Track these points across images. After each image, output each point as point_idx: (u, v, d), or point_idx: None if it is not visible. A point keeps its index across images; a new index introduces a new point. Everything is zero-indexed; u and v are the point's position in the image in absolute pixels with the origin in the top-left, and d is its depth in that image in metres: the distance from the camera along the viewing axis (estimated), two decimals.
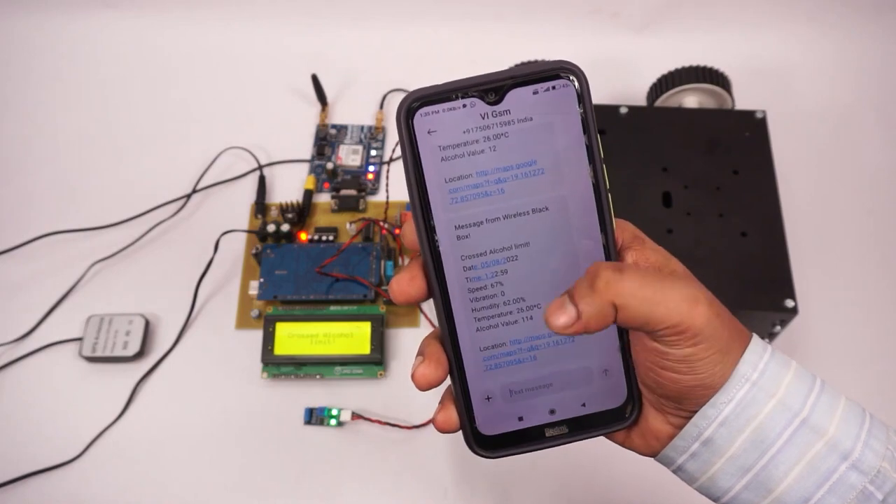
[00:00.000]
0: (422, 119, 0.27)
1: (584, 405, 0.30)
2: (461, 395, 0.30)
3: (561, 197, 0.29)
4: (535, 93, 0.28)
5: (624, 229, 0.30)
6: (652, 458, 0.31)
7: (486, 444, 0.30)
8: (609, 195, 0.29)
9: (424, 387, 0.29)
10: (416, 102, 0.27)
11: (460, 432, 0.30)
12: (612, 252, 0.29)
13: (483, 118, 0.28)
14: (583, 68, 0.28)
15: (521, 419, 0.30)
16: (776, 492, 0.27)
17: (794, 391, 0.28)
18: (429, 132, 0.27)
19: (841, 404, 0.28)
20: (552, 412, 0.30)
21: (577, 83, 0.28)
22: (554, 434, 0.30)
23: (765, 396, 0.27)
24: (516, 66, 0.28)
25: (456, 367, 0.30)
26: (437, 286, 0.29)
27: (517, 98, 0.28)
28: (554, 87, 0.28)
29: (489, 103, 0.27)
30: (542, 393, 0.30)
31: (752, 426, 0.27)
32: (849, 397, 0.29)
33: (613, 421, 0.30)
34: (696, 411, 0.28)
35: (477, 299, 0.29)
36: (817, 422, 0.27)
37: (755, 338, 0.29)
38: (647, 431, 0.30)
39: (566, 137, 0.28)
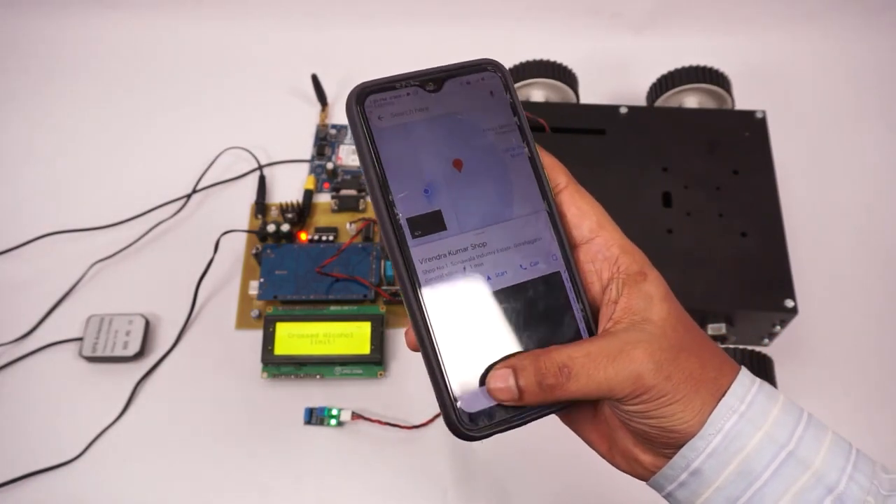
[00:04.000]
0: (371, 105, 0.30)
1: None
2: (441, 379, 0.30)
3: (504, 172, 0.31)
4: (469, 83, 0.32)
5: (634, 259, 0.30)
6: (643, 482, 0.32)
7: (470, 426, 0.30)
8: (544, 171, 0.32)
9: (415, 347, 0.30)
10: (365, 91, 0.30)
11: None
12: (556, 218, 0.31)
13: (426, 102, 0.31)
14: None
15: None
16: None
17: (781, 424, 0.28)
18: (379, 117, 0.30)
19: (828, 437, 0.29)
20: None
21: (500, 74, 0.32)
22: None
23: (752, 429, 0.28)
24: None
25: (434, 357, 0.29)
26: (402, 260, 0.29)
27: (453, 87, 0.31)
28: (483, 79, 0.32)
29: (429, 91, 0.31)
30: None
31: (738, 458, 0.28)
32: (836, 431, 0.29)
33: None
34: (670, 451, 0.29)
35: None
36: (804, 454, 0.28)
37: (743, 370, 0.29)
38: (628, 455, 0.31)
39: (499, 118, 0.32)
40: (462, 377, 0.30)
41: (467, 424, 0.29)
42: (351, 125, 0.30)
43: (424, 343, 0.30)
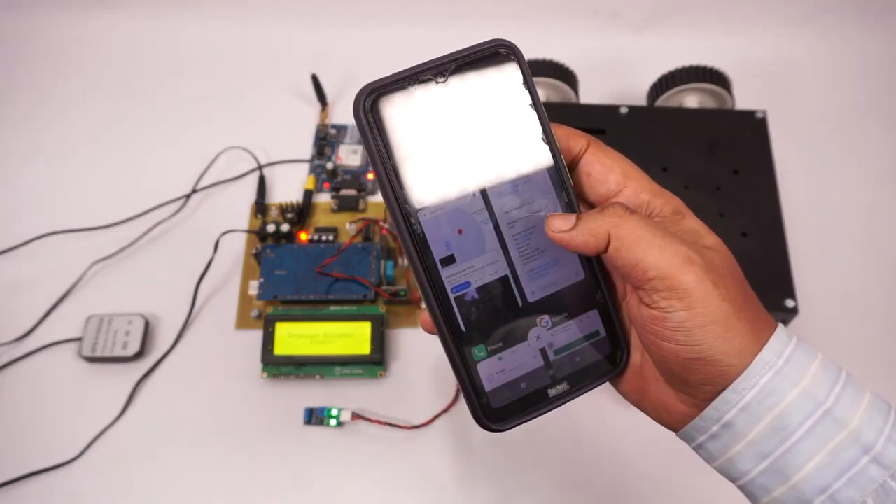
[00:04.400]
0: (381, 107, 0.28)
1: (577, 360, 0.32)
2: (466, 374, 0.30)
3: (523, 160, 0.30)
4: (480, 69, 0.30)
5: (667, 200, 0.31)
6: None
7: (496, 418, 0.30)
8: (562, 156, 0.31)
9: (430, 329, 0.30)
10: (373, 94, 0.28)
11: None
12: (576, 208, 0.31)
13: (437, 97, 0.29)
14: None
15: (523, 385, 0.31)
16: (794, 479, 0.27)
17: (820, 381, 0.28)
18: (390, 119, 0.29)
19: (866, 397, 0.28)
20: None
21: (514, 56, 0.30)
22: (557, 393, 0.31)
23: (788, 385, 0.27)
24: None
25: (458, 356, 0.30)
26: (421, 268, 0.29)
27: (465, 76, 0.29)
28: (495, 63, 0.30)
29: (440, 84, 0.29)
30: None
31: (773, 414, 0.27)
32: (874, 392, 0.29)
33: (607, 369, 0.32)
34: (705, 399, 0.28)
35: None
36: (841, 413, 0.27)
37: (780, 327, 0.29)
38: (660, 406, 0.31)
39: (514, 104, 0.30)
40: (488, 369, 0.30)
41: (495, 415, 0.30)
42: (361, 132, 0.29)
43: (448, 342, 0.30)
